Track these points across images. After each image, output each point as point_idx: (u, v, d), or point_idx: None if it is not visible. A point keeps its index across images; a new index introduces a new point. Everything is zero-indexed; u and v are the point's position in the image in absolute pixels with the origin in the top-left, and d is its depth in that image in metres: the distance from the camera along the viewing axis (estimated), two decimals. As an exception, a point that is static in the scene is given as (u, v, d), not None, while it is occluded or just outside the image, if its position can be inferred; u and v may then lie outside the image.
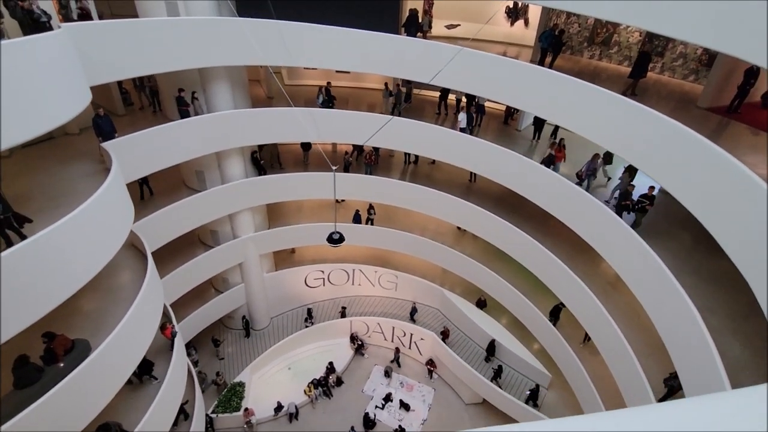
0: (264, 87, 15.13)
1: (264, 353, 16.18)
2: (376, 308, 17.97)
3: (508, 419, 15.14)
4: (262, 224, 15.35)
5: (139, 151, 9.56)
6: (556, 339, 12.64)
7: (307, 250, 18.25)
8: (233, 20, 9.81)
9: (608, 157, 11.05)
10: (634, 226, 8.79)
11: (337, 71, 16.77)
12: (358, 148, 15.54)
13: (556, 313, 12.66)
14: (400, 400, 15.71)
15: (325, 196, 15.07)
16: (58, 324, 7.44)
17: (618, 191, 10.07)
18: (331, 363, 16.34)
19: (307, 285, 17.88)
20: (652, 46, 12.33)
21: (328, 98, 13.20)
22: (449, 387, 16.64)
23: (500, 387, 14.37)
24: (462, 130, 12.13)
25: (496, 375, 14.55)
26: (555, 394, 14.14)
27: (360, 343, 17.51)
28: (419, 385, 16.69)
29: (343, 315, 17.48)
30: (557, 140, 10.71)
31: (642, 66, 9.51)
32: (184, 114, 10.65)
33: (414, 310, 17.15)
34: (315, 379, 15.90)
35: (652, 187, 8.94)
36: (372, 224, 15.89)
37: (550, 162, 10.60)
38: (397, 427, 14.79)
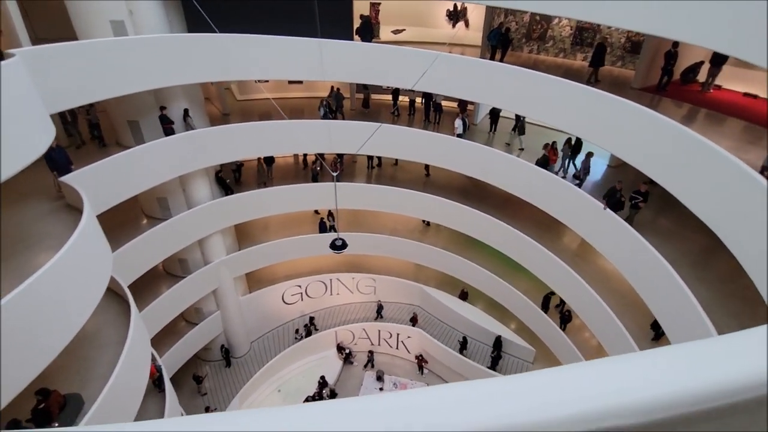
0: (218, 104, 14.57)
1: (250, 380, 15.47)
2: (358, 315, 17.94)
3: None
4: (233, 246, 14.73)
5: (105, 182, 8.83)
6: (536, 314, 13.49)
7: (279, 266, 17.73)
8: (204, 37, 9.43)
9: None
10: (628, 221, 9.04)
11: (289, 82, 16.64)
12: (321, 157, 15.53)
13: (546, 302, 13.32)
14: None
15: (306, 207, 15.00)
16: (39, 379, 6.67)
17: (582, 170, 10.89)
18: (322, 377, 16.02)
19: (285, 302, 17.40)
20: (582, 38, 13.73)
21: (329, 110, 13.29)
22: (441, 379, 17.03)
23: (495, 370, 15.05)
24: (459, 135, 12.45)
25: (494, 363, 15.20)
26: (541, 366, 15.02)
27: (348, 351, 17.35)
28: (412, 382, 16.90)
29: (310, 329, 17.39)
30: (551, 143, 11.11)
31: (599, 56, 10.51)
32: (169, 133, 10.05)
33: (380, 308, 17.47)
34: (309, 396, 15.51)
35: (644, 183, 9.08)
36: (334, 230, 15.80)
37: (545, 163, 11.07)
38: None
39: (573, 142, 11.37)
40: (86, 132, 10.74)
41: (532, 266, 12.75)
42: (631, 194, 9.11)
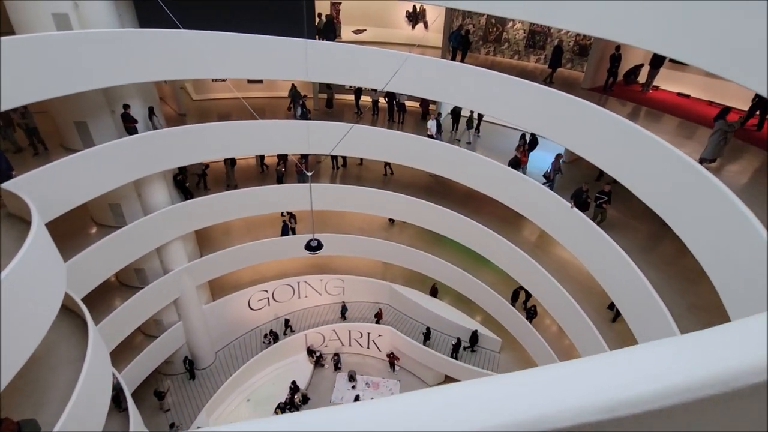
0: (173, 104, 13.85)
1: (217, 391, 14.85)
2: (328, 316, 17.76)
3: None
4: (194, 252, 14.07)
5: (51, 189, 8.13)
6: (502, 305, 14.06)
7: (243, 272, 17.15)
8: (183, 33, 8.92)
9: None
10: (596, 221, 9.43)
11: (249, 81, 16.15)
12: (283, 158, 15.29)
13: (515, 296, 13.82)
14: (371, 399, 15.81)
15: (276, 209, 14.69)
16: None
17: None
18: (293, 382, 15.70)
19: (252, 308, 16.87)
20: (534, 41, 14.49)
21: (305, 109, 13.09)
22: (412, 374, 17.28)
23: (457, 359, 15.51)
24: (431, 136, 12.56)
25: (454, 351, 15.61)
26: (508, 355, 15.71)
27: (318, 354, 17.14)
28: (384, 380, 17.00)
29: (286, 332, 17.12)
30: (522, 145, 11.48)
31: (557, 58, 11.11)
32: (131, 132, 9.40)
33: (344, 309, 17.47)
34: (280, 403, 15.13)
35: (608, 184, 9.41)
36: (294, 233, 15.62)
37: (517, 164, 11.30)
38: (373, 426, 14.89)
39: (528, 139, 11.98)
40: (23, 138, 9.57)
41: (496, 258, 13.28)
42: (596, 194, 9.50)
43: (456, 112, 13.95)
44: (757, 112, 8.92)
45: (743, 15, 5.09)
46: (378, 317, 17.19)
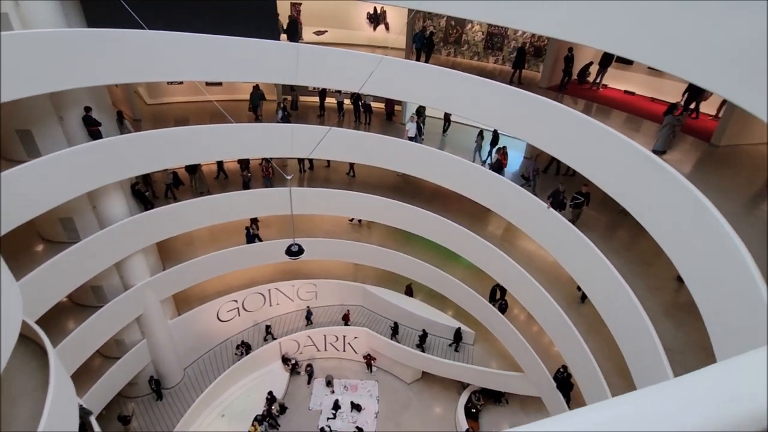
0: (126, 109, 13.00)
1: (188, 410, 14.11)
2: (301, 323, 17.42)
3: (446, 383, 16.72)
4: (156, 266, 13.29)
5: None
6: (474, 298, 14.48)
7: (210, 283, 16.42)
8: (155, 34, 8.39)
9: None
10: (573, 221, 9.66)
11: (207, 84, 15.52)
12: (245, 162, 14.90)
13: (493, 294, 14.12)
14: (351, 402, 15.74)
15: (248, 215, 14.30)
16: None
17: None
18: (270, 392, 15.25)
19: (221, 320, 16.20)
20: (493, 42, 15.08)
21: (286, 112, 12.90)
22: (389, 374, 17.35)
23: (424, 351, 15.75)
24: (411, 138, 12.57)
25: (422, 340, 15.85)
26: (481, 347, 16.18)
27: (294, 362, 16.77)
28: (362, 382, 16.95)
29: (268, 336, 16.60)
30: (501, 147, 11.68)
31: (521, 59, 11.58)
32: (95, 136, 8.69)
33: (309, 313, 17.31)
34: (257, 415, 14.64)
35: (585, 185, 9.58)
36: (259, 239, 15.20)
37: (499, 167, 11.35)
38: (354, 429, 14.82)
39: (490, 135, 12.44)
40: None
41: (468, 253, 13.68)
42: (573, 195, 9.72)
43: (420, 112, 14.20)
44: (692, 105, 9.88)
45: (687, 16, 5.62)
46: (345, 319, 17.08)
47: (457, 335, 15.71)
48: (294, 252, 7.37)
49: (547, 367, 11.99)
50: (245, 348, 16.00)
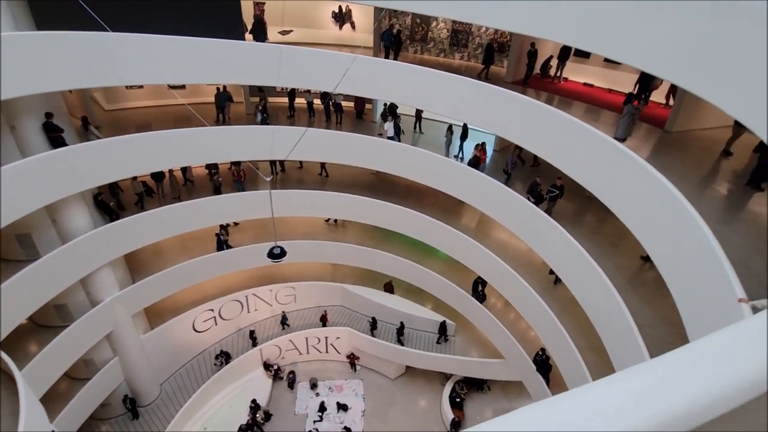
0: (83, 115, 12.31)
1: (168, 427, 13.57)
2: (278, 328, 17.15)
3: (429, 376, 17.00)
4: (125, 279, 12.68)
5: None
6: (452, 289, 14.78)
7: (182, 293, 15.83)
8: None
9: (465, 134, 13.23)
10: (548, 212, 10.06)
11: (170, 87, 14.93)
12: (215, 166, 14.52)
13: (475, 288, 14.34)
14: (337, 403, 15.68)
15: (225, 220, 14.12)
16: None
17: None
18: (254, 400, 14.93)
19: (197, 330, 15.68)
20: (458, 39, 15.41)
21: (266, 115, 12.77)
22: (373, 371, 17.41)
23: (402, 344, 16.00)
24: (390, 138, 12.58)
25: (399, 332, 16.08)
26: (461, 337, 16.54)
27: (276, 367, 16.49)
28: (347, 382, 16.92)
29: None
30: (480, 143, 11.91)
31: (489, 55, 11.88)
32: (57, 143, 8.14)
33: (284, 318, 17.19)
34: (242, 425, 14.30)
35: (559, 178, 9.93)
36: (227, 246, 14.76)
37: (476, 163, 11.60)
38: (342, 430, 14.79)
39: (460, 130, 12.76)
40: None
41: (445, 246, 13.96)
42: (549, 188, 10.19)
43: (393, 110, 14.31)
44: (643, 95, 10.55)
45: (636, 13, 6.01)
46: (323, 320, 16.98)
47: (442, 328, 15.92)
48: (276, 255, 7.27)
49: (525, 352, 12.45)
50: (225, 357, 15.58)
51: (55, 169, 8.57)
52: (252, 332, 16.47)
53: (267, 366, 16.43)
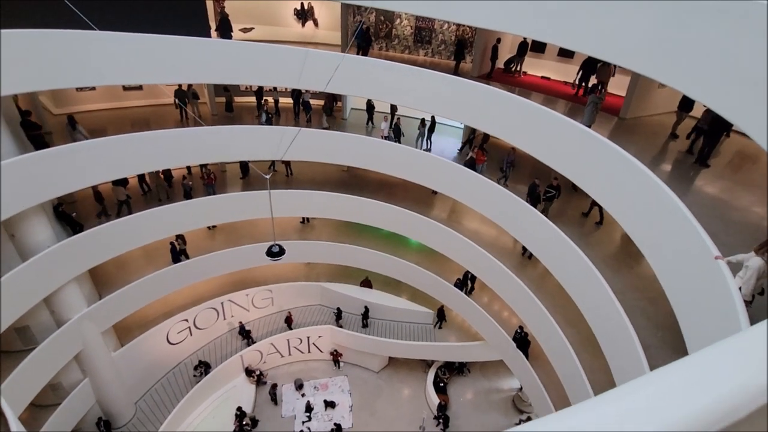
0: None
1: (149, 445, 12.94)
2: (261, 331, 16.81)
3: (412, 365, 17.47)
4: (91, 294, 11.86)
5: None
6: (432, 279, 15.27)
7: (151, 307, 14.96)
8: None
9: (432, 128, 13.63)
10: (544, 213, 10.28)
11: (125, 88, 14.07)
12: (187, 170, 13.96)
13: (464, 279, 14.63)
14: (324, 401, 15.68)
15: (198, 225, 13.67)
16: None
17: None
18: (239, 408, 14.55)
19: (171, 342, 14.97)
20: (421, 36, 15.82)
21: (270, 116, 12.84)
22: (357, 366, 17.56)
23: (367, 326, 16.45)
24: (387, 138, 12.64)
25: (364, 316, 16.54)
26: (445, 325, 17.10)
27: (258, 372, 16.14)
28: (331, 379, 16.94)
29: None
30: (480, 145, 12.17)
31: (460, 51, 12.30)
32: (37, 141, 7.63)
33: (242, 328, 16.69)
34: (229, 434, 13.94)
35: (555, 179, 10.20)
36: (186, 257, 14.07)
37: (473, 164, 11.74)
38: (333, 427, 14.84)
39: (429, 123, 13.15)
40: None
41: (423, 237, 14.38)
42: (545, 188, 10.39)
43: (371, 106, 14.43)
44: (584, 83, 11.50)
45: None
46: (288, 322, 16.82)
47: (440, 313, 16.51)
48: (275, 253, 7.22)
49: (504, 331, 13.20)
50: (204, 367, 15.01)
51: (37, 170, 7.91)
52: (248, 332, 16.28)
53: (249, 372, 16.04)
